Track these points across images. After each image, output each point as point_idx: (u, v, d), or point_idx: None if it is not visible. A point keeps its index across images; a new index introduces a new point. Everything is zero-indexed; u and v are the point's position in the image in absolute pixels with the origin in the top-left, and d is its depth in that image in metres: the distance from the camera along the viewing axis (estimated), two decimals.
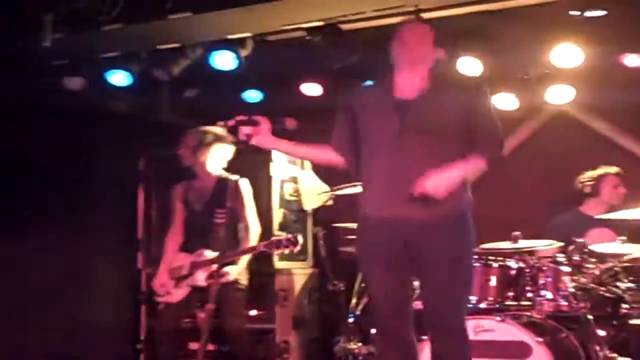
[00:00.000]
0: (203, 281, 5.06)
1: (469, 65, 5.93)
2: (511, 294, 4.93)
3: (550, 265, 4.95)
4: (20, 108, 5.83)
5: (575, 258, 4.99)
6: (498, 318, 4.74)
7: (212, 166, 5.30)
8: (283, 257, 5.82)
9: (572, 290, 4.86)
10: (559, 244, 5.17)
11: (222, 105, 6.50)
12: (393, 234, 3.79)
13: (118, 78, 6.04)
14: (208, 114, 6.39)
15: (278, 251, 4.98)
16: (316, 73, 6.40)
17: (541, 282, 4.91)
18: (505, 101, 6.23)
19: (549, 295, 4.88)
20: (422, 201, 3.69)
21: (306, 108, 6.25)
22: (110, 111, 6.47)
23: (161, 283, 5.22)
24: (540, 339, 4.59)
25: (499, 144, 3.94)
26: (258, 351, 5.67)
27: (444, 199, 3.69)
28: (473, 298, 4.89)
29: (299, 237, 4.90)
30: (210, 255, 5.10)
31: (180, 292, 5.15)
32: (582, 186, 5.98)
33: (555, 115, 6.47)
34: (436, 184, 3.66)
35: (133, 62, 6.02)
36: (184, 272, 5.16)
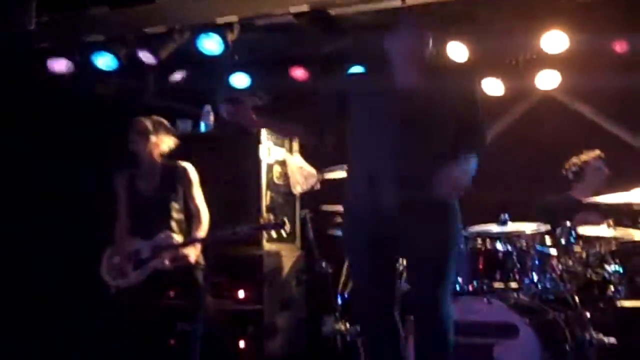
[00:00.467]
0: (168, 264, 5.09)
1: (457, 50, 5.97)
2: (499, 276, 4.94)
3: (537, 248, 4.99)
4: (4, 92, 5.78)
5: (562, 241, 5.02)
6: (485, 299, 4.75)
7: (158, 153, 5.33)
8: (271, 239, 5.81)
9: (559, 272, 4.89)
10: (547, 227, 5.19)
11: (209, 89, 6.49)
12: (379, 220, 3.79)
13: (104, 61, 6.01)
14: (195, 98, 6.44)
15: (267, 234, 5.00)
16: (303, 58, 6.39)
17: (528, 264, 4.94)
18: (492, 86, 6.24)
19: (536, 277, 4.91)
20: (409, 187, 3.72)
21: (293, 92, 6.26)
22: (96, 95, 6.42)
23: (112, 267, 5.23)
24: (527, 320, 4.61)
25: (484, 139, 3.97)
26: (247, 331, 5.69)
27: (431, 188, 3.69)
28: (460, 279, 4.92)
29: (286, 220, 4.89)
30: (176, 238, 5.15)
31: (137, 276, 5.15)
32: (567, 173, 6.01)
33: (541, 100, 6.49)
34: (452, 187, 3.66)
35: (119, 46, 6.00)
36: (144, 256, 5.16)
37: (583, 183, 5.94)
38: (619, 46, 5.75)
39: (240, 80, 6.54)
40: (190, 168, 5.34)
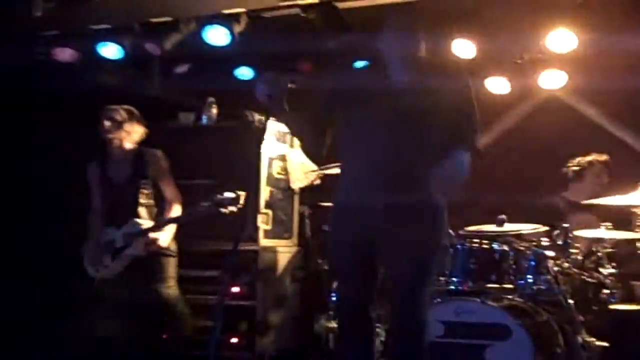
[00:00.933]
0: (142, 250, 5.12)
1: (463, 47, 5.94)
2: (494, 277, 4.93)
3: (533, 249, 4.97)
4: (9, 79, 5.80)
5: (559, 243, 5.00)
6: (479, 300, 4.75)
7: (131, 142, 5.35)
8: (268, 235, 5.82)
9: (555, 274, 4.87)
10: (544, 228, 5.17)
11: (214, 81, 6.49)
12: (364, 218, 3.77)
13: (109, 51, 6.02)
14: (199, 90, 6.45)
15: (224, 210, 4.96)
16: (309, 51, 6.37)
17: (524, 266, 4.93)
18: (497, 85, 6.21)
19: (531, 279, 4.90)
20: (397, 187, 3.70)
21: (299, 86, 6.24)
22: (100, 84, 6.44)
23: (92, 259, 5.25)
24: (520, 322, 4.60)
25: (475, 138, 3.90)
26: (239, 327, 5.70)
27: (420, 188, 3.69)
28: (455, 279, 4.92)
29: (240, 193, 4.89)
30: (145, 224, 5.18)
31: (116, 265, 5.18)
32: (567, 171, 5.98)
33: (546, 99, 6.45)
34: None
35: (125, 35, 6.00)
36: (118, 245, 5.19)
37: (580, 184, 5.90)
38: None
39: (245, 72, 6.55)
40: (160, 154, 5.38)
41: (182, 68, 6.54)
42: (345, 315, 3.96)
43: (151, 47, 5.95)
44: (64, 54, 6.06)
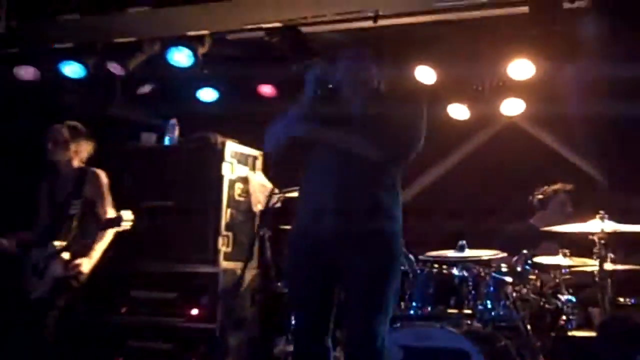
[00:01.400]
0: (60, 272, 5.03)
1: (425, 74, 6.01)
2: (453, 302, 4.97)
3: (493, 274, 5.02)
4: None
5: (518, 269, 5.06)
6: (438, 325, 4.78)
7: (77, 161, 5.30)
8: (228, 257, 5.80)
9: (513, 300, 4.92)
10: (503, 254, 5.23)
11: (177, 102, 6.49)
12: (319, 250, 3.79)
13: (71, 70, 5.99)
14: (162, 111, 6.43)
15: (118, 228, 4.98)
16: (273, 75, 6.39)
17: (483, 291, 4.97)
18: (457, 111, 6.29)
19: (490, 304, 4.95)
20: (352, 217, 3.74)
21: (261, 109, 6.26)
22: (61, 103, 6.38)
23: (27, 279, 5.17)
24: (478, 347, 4.62)
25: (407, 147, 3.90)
26: (199, 350, 5.67)
27: (375, 215, 3.75)
28: (415, 304, 4.95)
29: (124, 214, 4.95)
30: (57, 245, 5.09)
31: (43, 287, 5.08)
32: (533, 198, 6.07)
33: (505, 126, 6.54)
34: None
35: (88, 55, 5.98)
36: (41, 266, 5.11)
37: (544, 212, 6.00)
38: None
39: (207, 94, 6.55)
40: (100, 174, 5.26)
41: (145, 88, 6.51)
42: (301, 344, 3.95)
43: (114, 67, 5.93)
44: (26, 73, 6.01)
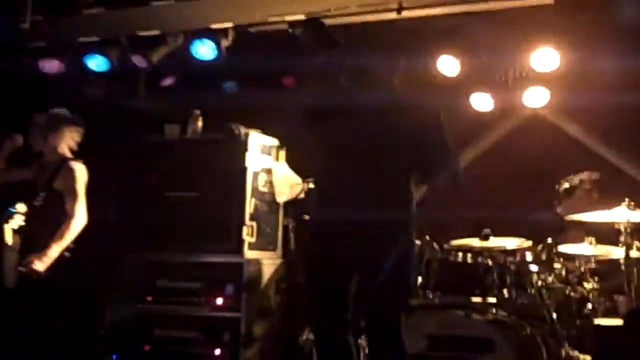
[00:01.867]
0: (11, 265, 4.94)
1: (448, 64, 6.01)
2: (478, 291, 4.96)
3: (517, 263, 5.01)
4: None
5: (543, 257, 5.04)
6: (463, 313, 4.77)
7: (63, 148, 5.06)
8: (252, 247, 5.82)
9: (538, 288, 4.91)
10: (528, 243, 5.23)
11: (200, 94, 6.52)
12: (344, 240, 3.80)
13: (96, 63, 6.04)
14: (185, 103, 6.46)
15: None
16: (295, 67, 6.41)
17: (508, 280, 4.97)
18: (481, 101, 6.27)
19: (514, 293, 4.93)
20: (372, 210, 3.76)
21: (284, 101, 6.28)
22: (86, 96, 6.43)
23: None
24: (503, 336, 4.63)
25: (450, 157, 3.98)
26: (223, 339, 5.70)
27: (385, 209, 3.78)
28: (439, 293, 4.94)
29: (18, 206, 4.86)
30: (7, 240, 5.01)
31: (9, 278, 5.01)
32: (559, 187, 6.03)
33: (529, 117, 6.51)
34: None
35: (112, 48, 6.02)
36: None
37: (570, 201, 5.95)
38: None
39: (231, 86, 6.57)
40: (77, 168, 4.96)
41: (168, 81, 6.54)
42: (324, 337, 3.96)
43: (138, 60, 5.97)
44: (51, 66, 6.06)
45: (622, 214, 4.96)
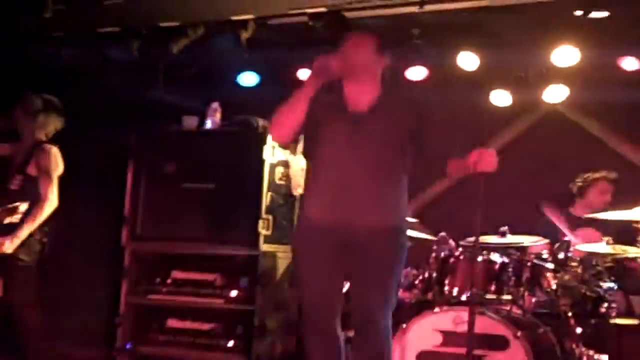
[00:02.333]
0: None
1: (468, 60, 6.00)
2: (493, 288, 4.95)
3: (534, 261, 4.99)
4: (17, 78, 5.82)
5: (559, 256, 5.02)
6: (477, 310, 4.75)
7: (40, 134, 5.07)
8: (268, 240, 5.83)
9: (554, 287, 4.89)
10: (545, 241, 5.21)
11: (219, 86, 6.53)
12: (336, 239, 3.83)
13: (116, 53, 6.06)
14: (204, 94, 6.48)
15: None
16: (314, 59, 6.37)
17: (524, 277, 4.95)
18: (500, 97, 6.25)
19: (530, 290, 4.92)
20: (366, 210, 3.80)
21: None
22: (105, 85, 6.46)
23: None
24: (518, 334, 4.61)
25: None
26: (237, 331, 5.72)
27: (387, 209, 3.84)
28: (454, 289, 4.93)
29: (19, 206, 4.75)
30: None
31: None
32: (572, 186, 6.02)
33: (548, 113, 6.48)
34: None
35: (132, 38, 6.04)
36: None
37: (583, 200, 5.95)
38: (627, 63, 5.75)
39: (249, 78, 6.58)
40: (50, 150, 4.96)
41: (188, 72, 6.56)
42: (315, 328, 3.97)
43: (158, 51, 5.98)
44: (72, 55, 6.09)
45: None
